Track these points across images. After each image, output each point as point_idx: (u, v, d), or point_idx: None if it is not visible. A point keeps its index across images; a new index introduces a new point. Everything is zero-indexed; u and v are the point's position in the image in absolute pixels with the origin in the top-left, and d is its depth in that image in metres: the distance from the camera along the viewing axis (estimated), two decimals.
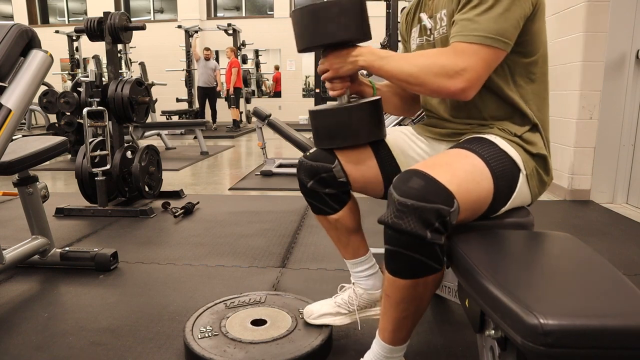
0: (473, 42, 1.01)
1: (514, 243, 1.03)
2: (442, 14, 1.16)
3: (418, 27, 1.27)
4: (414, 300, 1.04)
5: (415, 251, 0.95)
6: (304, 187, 1.29)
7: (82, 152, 3.10)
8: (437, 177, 0.95)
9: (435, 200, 0.92)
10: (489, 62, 1.02)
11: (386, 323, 1.11)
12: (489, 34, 1.01)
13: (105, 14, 3.20)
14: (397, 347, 1.13)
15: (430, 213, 0.91)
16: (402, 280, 1.00)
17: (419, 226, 0.91)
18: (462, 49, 1.01)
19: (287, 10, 12.65)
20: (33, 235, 2.05)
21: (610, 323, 0.68)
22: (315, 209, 1.32)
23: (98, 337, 1.52)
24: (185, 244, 2.47)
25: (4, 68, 1.53)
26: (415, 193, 0.92)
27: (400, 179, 0.97)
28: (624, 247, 2.39)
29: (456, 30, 1.04)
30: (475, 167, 1.04)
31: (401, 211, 0.92)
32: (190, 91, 10.10)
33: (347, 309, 1.41)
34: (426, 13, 1.23)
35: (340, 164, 1.23)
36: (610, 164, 3.25)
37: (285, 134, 4.22)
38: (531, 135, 1.14)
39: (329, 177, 1.23)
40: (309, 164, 1.25)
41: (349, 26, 1.11)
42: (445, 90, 1.03)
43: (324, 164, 1.23)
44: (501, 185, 1.06)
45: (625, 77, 3.12)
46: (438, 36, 1.19)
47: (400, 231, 0.93)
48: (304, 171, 1.26)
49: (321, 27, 1.11)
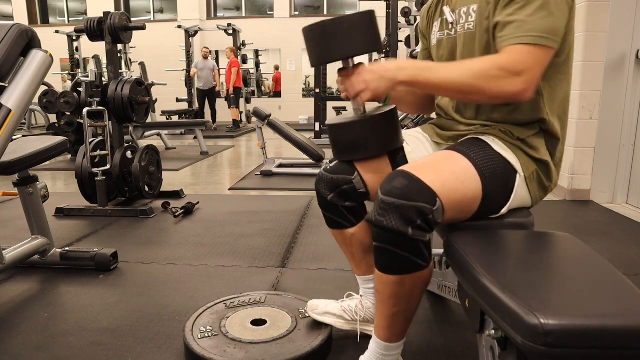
0: (528, 43, 0.99)
1: (514, 243, 1.03)
2: (471, 9, 1.13)
3: (439, 20, 1.26)
4: (402, 296, 1.06)
5: (399, 248, 0.98)
6: (323, 201, 1.29)
7: (82, 152, 3.10)
8: (420, 176, 0.97)
9: (416, 198, 0.95)
10: (543, 62, 1.02)
11: (379, 319, 1.14)
12: (542, 33, 1.00)
13: (105, 14, 3.20)
14: (392, 345, 1.15)
15: (412, 211, 0.94)
16: (389, 275, 1.03)
17: (400, 223, 0.95)
18: (519, 51, 1.00)
19: (287, 11, 12.66)
20: (33, 235, 2.05)
21: (610, 323, 0.68)
22: (332, 223, 1.33)
23: (98, 337, 1.52)
24: (185, 244, 2.47)
25: (4, 68, 1.53)
26: (397, 192, 0.96)
27: (387, 179, 1.00)
28: (624, 247, 2.39)
29: (509, 32, 1.02)
30: (461, 167, 1.05)
31: (384, 209, 0.96)
32: (190, 91, 10.10)
33: (351, 316, 1.42)
34: (449, 6, 1.21)
35: (359, 175, 1.23)
36: (610, 164, 3.25)
37: (285, 134, 4.22)
38: (535, 139, 1.13)
39: (350, 189, 1.24)
40: (329, 177, 1.26)
41: (363, 40, 1.10)
42: (507, 93, 1.00)
43: (345, 176, 1.23)
44: (492, 186, 1.06)
45: (625, 77, 3.12)
46: (462, 31, 1.16)
47: (382, 228, 0.97)
48: (325, 184, 1.27)
49: (335, 42, 1.09)
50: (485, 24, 1.10)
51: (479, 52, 1.13)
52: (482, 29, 1.11)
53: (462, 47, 1.17)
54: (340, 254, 1.43)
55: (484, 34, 1.11)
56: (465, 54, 1.16)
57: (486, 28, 1.10)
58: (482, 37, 1.12)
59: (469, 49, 1.15)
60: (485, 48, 1.12)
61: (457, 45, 1.19)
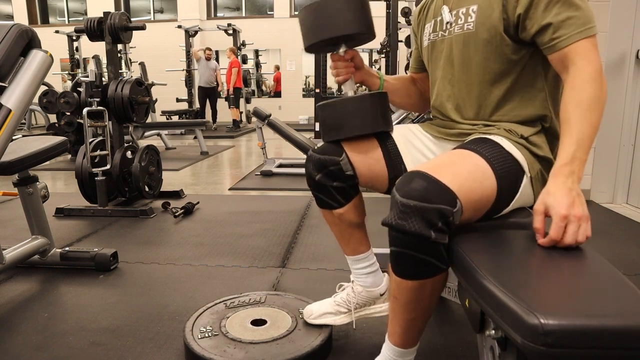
0: (587, 37, 1.01)
1: (515, 243, 1.03)
2: (471, 10, 1.13)
3: (433, 22, 1.26)
4: (421, 301, 1.04)
5: (420, 251, 0.95)
6: (311, 180, 1.29)
7: (82, 152, 3.10)
8: (439, 177, 0.95)
9: (437, 200, 0.92)
10: (596, 47, 1.04)
11: (395, 326, 1.11)
12: (591, 23, 1.02)
13: (105, 14, 3.20)
14: (407, 350, 1.13)
15: (433, 213, 0.91)
16: (409, 281, 1.00)
17: (423, 227, 0.91)
18: (584, 47, 1.01)
19: (287, 10, 12.65)
20: (33, 235, 2.05)
21: (610, 323, 0.68)
22: (321, 203, 1.33)
23: (98, 337, 1.52)
24: (185, 244, 2.47)
25: (4, 68, 1.53)
26: (417, 194, 0.92)
27: (403, 180, 0.97)
28: (624, 247, 2.39)
29: (568, 31, 1.02)
30: (478, 166, 1.03)
31: (404, 212, 0.92)
32: (190, 91, 10.10)
33: (346, 307, 1.41)
34: (448, 5, 1.20)
35: (347, 157, 1.24)
36: (610, 164, 3.25)
37: (285, 134, 4.22)
38: (537, 138, 1.13)
39: (337, 170, 1.24)
40: (317, 157, 1.26)
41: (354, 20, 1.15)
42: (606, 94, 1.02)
43: (332, 157, 1.24)
44: (504, 185, 1.05)
45: (625, 77, 3.12)
46: (460, 32, 1.16)
47: (404, 232, 0.93)
48: (313, 164, 1.27)
49: (326, 20, 1.16)
50: (488, 23, 1.10)
51: (478, 51, 1.13)
52: (483, 28, 1.11)
53: (461, 48, 1.16)
54: (341, 254, 1.43)
55: (484, 33, 1.11)
56: (464, 55, 1.16)
57: (488, 27, 1.10)
58: (482, 36, 1.11)
59: (468, 49, 1.15)
60: (484, 47, 1.12)
61: (453, 46, 1.19)
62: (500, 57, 1.11)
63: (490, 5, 1.09)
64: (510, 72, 1.13)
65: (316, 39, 1.19)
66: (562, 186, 0.92)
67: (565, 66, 1.03)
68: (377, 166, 1.26)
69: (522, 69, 1.12)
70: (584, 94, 0.98)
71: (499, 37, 1.09)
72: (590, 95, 0.98)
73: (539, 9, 1.03)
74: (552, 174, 0.96)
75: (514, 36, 1.09)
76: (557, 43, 1.03)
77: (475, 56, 1.14)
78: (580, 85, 0.99)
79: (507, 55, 1.11)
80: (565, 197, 0.91)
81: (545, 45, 1.05)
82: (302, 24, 1.21)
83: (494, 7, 1.09)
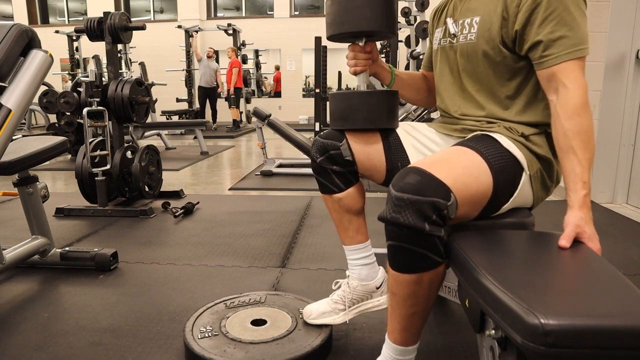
0: (576, 58, 1.06)
1: (515, 243, 1.03)
2: (474, 21, 1.16)
3: (442, 28, 1.30)
4: (419, 296, 1.05)
5: (415, 244, 0.97)
6: (314, 163, 1.35)
7: (82, 152, 3.10)
8: (433, 172, 0.98)
9: (431, 194, 0.95)
10: (584, 69, 1.08)
11: (394, 323, 1.11)
12: (582, 45, 1.06)
13: (105, 14, 3.20)
14: (408, 348, 1.13)
15: (427, 206, 0.94)
16: (406, 275, 1.02)
17: (417, 219, 0.94)
18: (572, 68, 1.05)
19: (287, 11, 12.66)
20: (33, 235, 2.05)
21: (610, 323, 0.68)
22: (323, 187, 1.37)
23: (98, 337, 1.52)
24: (185, 244, 2.47)
25: (4, 68, 1.53)
26: (411, 188, 0.95)
27: (398, 176, 1.00)
28: (624, 247, 2.39)
29: (557, 51, 1.05)
30: (473, 162, 1.06)
31: (398, 205, 0.95)
32: (190, 91, 10.10)
33: (344, 304, 1.42)
34: (452, 17, 1.24)
35: (347, 143, 1.30)
36: (610, 164, 3.25)
37: (285, 134, 4.22)
38: (537, 137, 1.15)
39: (337, 154, 1.30)
40: (320, 141, 1.33)
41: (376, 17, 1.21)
42: (589, 112, 1.07)
43: (333, 141, 1.30)
44: (501, 181, 1.07)
45: (625, 77, 3.12)
46: (463, 41, 1.19)
47: (399, 225, 0.96)
48: (316, 148, 1.34)
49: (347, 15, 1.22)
50: (487, 36, 1.13)
51: (480, 61, 1.16)
52: (483, 40, 1.14)
53: (465, 57, 1.20)
54: (341, 253, 1.43)
55: (484, 45, 1.14)
56: (468, 63, 1.20)
57: (487, 39, 1.13)
58: (482, 48, 1.15)
59: (471, 59, 1.19)
60: (485, 57, 1.15)
61: (458, 54, 1.22)
62: (500, 67, 1.15)
63: (491, 18, 1.13)
64: (511, 81, 1.16)
65: (337, 30, 1.25)
66: (589, 219, 1.06)
67: (552, 86, 1.07)
68: (375, 156, 1.30)
69: (524, 78, 1.15)
70: (584, 122, 1.04)
71: (497, 49, 1.13)
72: (589, 122, 1.05)
73: (534, 26, 1.07)
74: (576, 206, 1.07)
75: (512, 49, 1.12)
76: (546, 61, 1.07)
77: (478, 65, 1.18)
78: (576, 111, 1.04)
79: (508, 66, 1.14)
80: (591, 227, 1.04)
81: (535, 61, 1.09)
82: (328, 14, 1.27)
83: (494, 20, 1.12)
